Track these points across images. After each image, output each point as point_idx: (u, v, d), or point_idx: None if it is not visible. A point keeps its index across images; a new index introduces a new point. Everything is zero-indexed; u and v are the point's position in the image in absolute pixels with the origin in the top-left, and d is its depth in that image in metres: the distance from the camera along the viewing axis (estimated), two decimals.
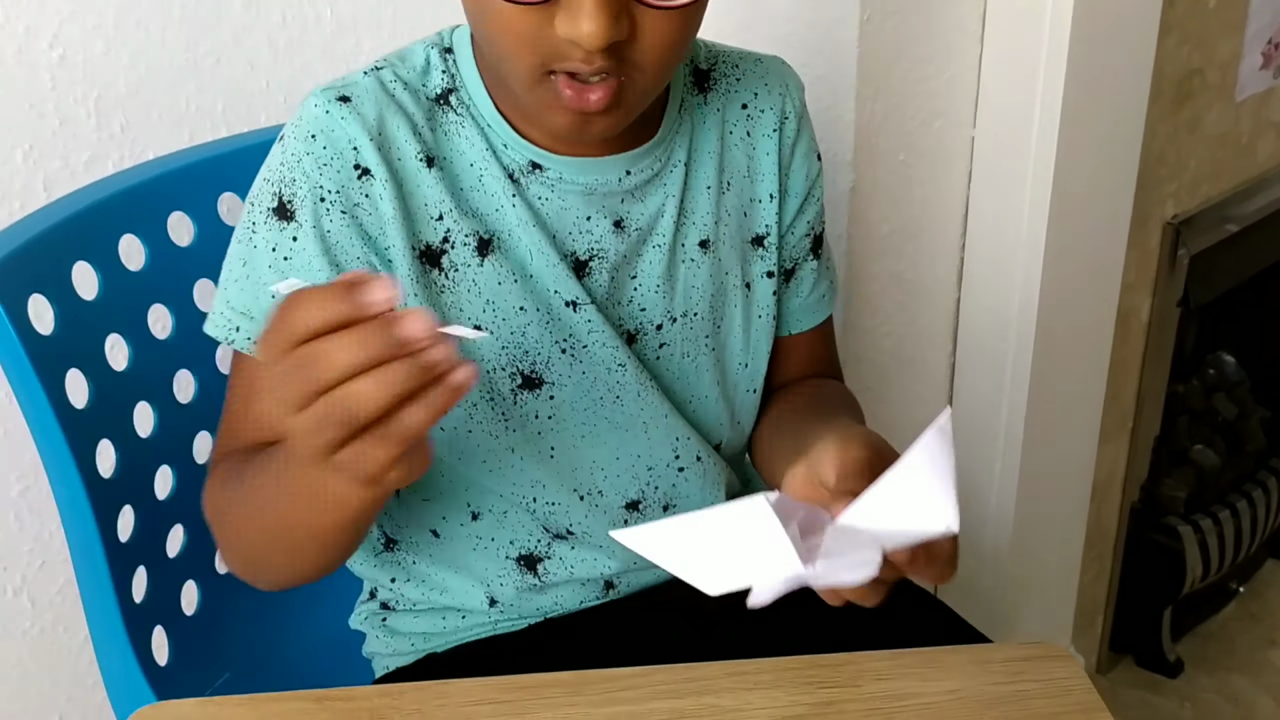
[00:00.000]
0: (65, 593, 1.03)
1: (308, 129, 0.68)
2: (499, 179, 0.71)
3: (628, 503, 0.78)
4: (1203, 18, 1.39)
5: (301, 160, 0.68)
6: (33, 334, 0.75)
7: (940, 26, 1.13)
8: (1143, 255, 1.48)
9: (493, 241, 0.71)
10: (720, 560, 0.54)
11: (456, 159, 0.71)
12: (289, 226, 0.68)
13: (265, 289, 0.68)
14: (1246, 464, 1.87)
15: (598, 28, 0.60)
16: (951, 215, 1.25)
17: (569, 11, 0.60)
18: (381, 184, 0.68)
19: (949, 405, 0.50)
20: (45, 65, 0.91)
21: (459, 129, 0.71)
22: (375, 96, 0.70)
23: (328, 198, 0.68)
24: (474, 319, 0.72)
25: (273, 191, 0.68)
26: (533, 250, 0.72)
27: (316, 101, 0.69)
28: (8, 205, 0.92)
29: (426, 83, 0.72)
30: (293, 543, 0.65)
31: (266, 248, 0.69)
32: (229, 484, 0.67)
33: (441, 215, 0.70)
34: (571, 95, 0.64)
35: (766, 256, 0.80)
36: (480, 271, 0.71)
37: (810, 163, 0.81)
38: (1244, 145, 1.59)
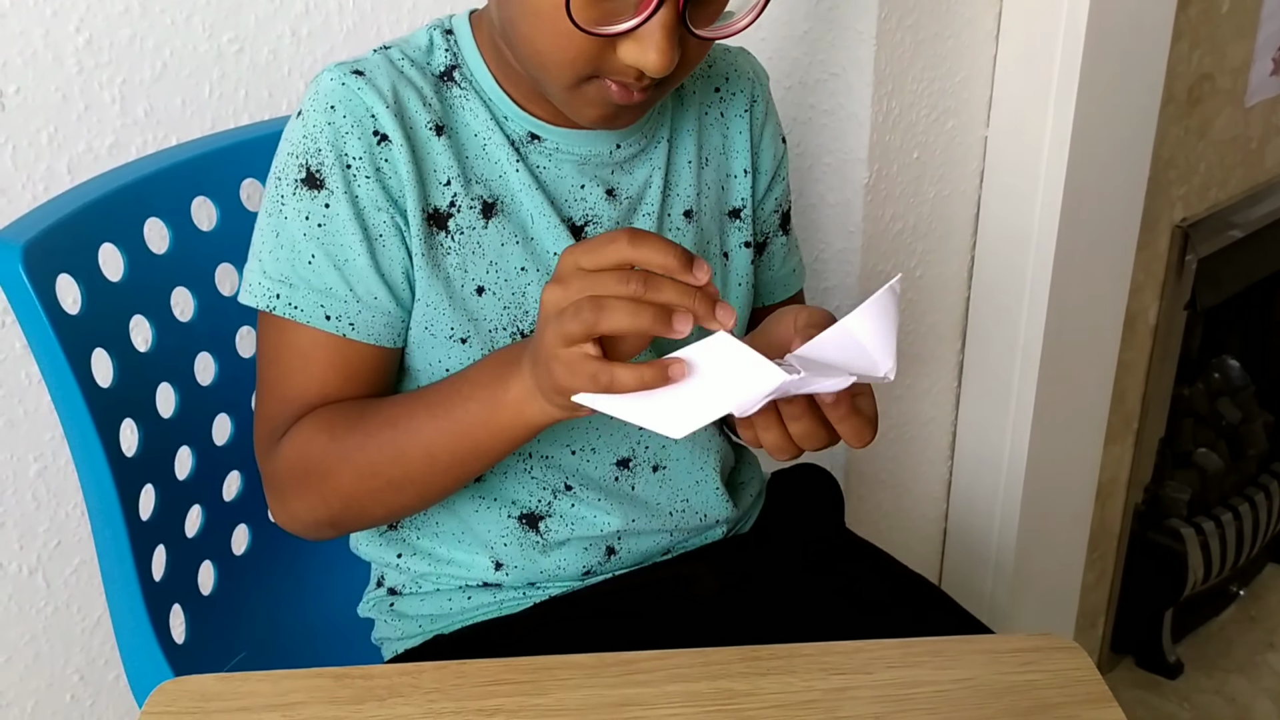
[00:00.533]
0: (80, 573, 1.04)
1: (326, 101, 0.71)
2: (502, 146, 0.75)
3: (618, 460, 0.82)
4: (1215, 23, 1.40)
5: (324, 130, 0.71)
6: (60, 313, 0.76)
7: (956, 27, 1.14)
8: (1151, 258, 1.49)
9: (496, 205, 0.75)
10: (685, 400, 0.59)
11: (462, 129, 0.75)
12: (320, 194, 0.71)
13: (301, 256, 0.71)
14: (1249, 468, 1.88)
15: (666, 61, 0.65)
16: (963, 214, 1.26)
17: (638, 42, 0.65)
18: (398, 149, 0.71)
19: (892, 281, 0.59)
20: (71, 50, 0.92)
21: (463, 102, 0.75)
22: (386, 70, 0.73)
23: (354, 164, 0.71)
24: (478, 280, 0.75)
25: (299, 164, 0.71)
26: (534, 214, 0.76)
27: (332, 76, 0.72)
28: (31, 188, 0.93)
29: (431, 60, 0.76)
30: (429, 475, 0.71)
31: (299, 217, 0.71)
32: (346, 434, 0.71)
33: (449, 180, 0.74)
34: (617, 92, 0.69)
35: (743, 228, 0.85)
36: (485, 234, 0.75)
37: (777, 144, 0.88)
38: (1253, 150, 1.60)
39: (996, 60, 1.19)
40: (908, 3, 1.09)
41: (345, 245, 0.71)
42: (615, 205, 0.79)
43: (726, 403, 0.59)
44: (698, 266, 0.59)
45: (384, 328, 0.73)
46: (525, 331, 0.77)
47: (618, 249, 0.59)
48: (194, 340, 0.88)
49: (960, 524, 1.43)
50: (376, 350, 0.74)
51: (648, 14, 0.64)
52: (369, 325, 0.73)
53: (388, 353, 0.75)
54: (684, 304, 0.59)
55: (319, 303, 0.72)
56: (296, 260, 0.71)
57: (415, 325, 0.75)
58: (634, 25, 0.64)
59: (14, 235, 0.75)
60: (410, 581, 0.84)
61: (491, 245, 0.75)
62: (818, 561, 0.88)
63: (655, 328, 0.59)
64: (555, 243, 0.77)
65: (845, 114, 1.12)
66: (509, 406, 0.66)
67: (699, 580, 0.83)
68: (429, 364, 0.77)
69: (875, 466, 1.31)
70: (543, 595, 0.82)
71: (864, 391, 0.65)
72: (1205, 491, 1.79)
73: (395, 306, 0.73)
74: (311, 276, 0.71)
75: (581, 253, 0.61)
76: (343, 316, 0.72)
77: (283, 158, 0.72)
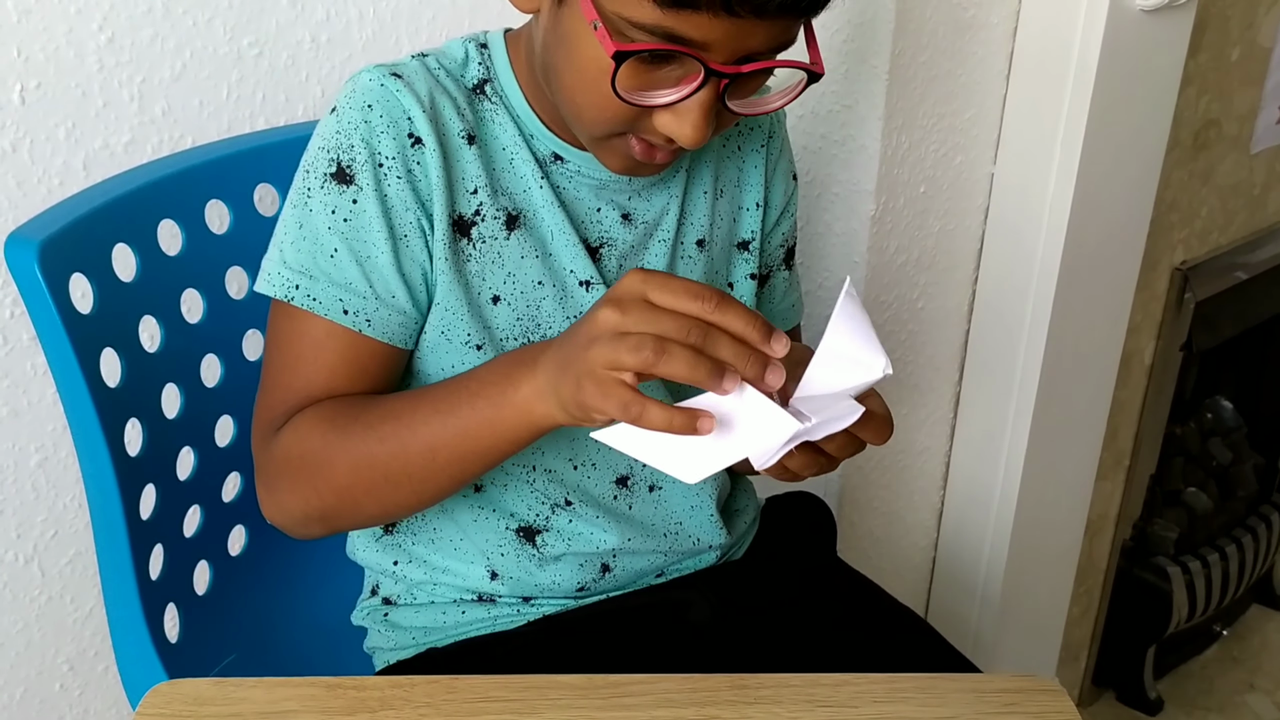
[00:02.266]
0: (75, 564, 1.05)
1: (363, 99, 0.72)
2: (528, 162, 0.76)
3: (618, 477, 0.82)
4: (1224, 70, 1.42)
5: (359, 128, 0.71)
6: (73, 312, 0.76)
7: (968, 66, 1.15)
8: (1150, 299, 1.50)
9: (519, 219, 0.76)
10: (702, 446, 0.59)
11: (491, 141, 0.76)
12: (348, 190, 0.72)
13: (324, 250, 0.72)
14: (1238, 509, 1.89)
15: (700, 136, 0.67)
16: (966, 248, 1.27)
17: (676, 115, 0.67)
18: (431, 153, 0.72)
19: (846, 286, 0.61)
20: (93, 48, 0.93)
21: (493, 115, 0.76)
22: (423, 76, 0.74)
23: (385, 163, 0.72)
24: (494, 289, 0.76)
25: (330, 158, 0.72)
26: (554, 230, 0.77)
27: (370, 76, 0.73)
28: (47, 182, 0.94)
29: (465, 72, 0.77)
30: (428, 473, 0.70)
31: (325, 210, 0.72)
32: (347, 427, 0.71)
33: (477, 189, 0.75)
34: (641, 151, 0.71)
35: (750, 260, 0.86)
36: (506, 245, 0.76)
37: (788, 180, 0.89)
38: (1256, 196, 1.62)
39: (1006, 100, 1.20)
40: (921, 40, 1.10)
41: (369, 242, 0.72)
42: (631, 229, 0.80)
43: (742, 451, 0.59)
44: (776, 339, 0.60)
45: (399, 327, 0.74)
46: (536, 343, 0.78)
47: (701, 306, 0.60)
48: (201, 342, 0.88)
49: (950, 553, 1.44)
50: (388, 349, 0.74)
51: (690, 91, 0.66)
52: (385, 323, 0.73)
53: (398, 353, 0.75)
54: (739, 365, 0.59)
55: (338, 296, 0.72)
56: (319, 253, 0.72)
57: (431, 329, 0.76)
58: (674, 100, 0.66)
59: (31, 233, 0.75)
60: (405, 591, 0.85)
61: (511, 257, 0.76)
62: (808, 591, 0.89)
63: (708, 382, 0.59)
64: (573, 260, 0.78)
65: (855, 145, 1.13)
66: (517, 405, 0.66)
67: (692, 606, 0.84)
68: (442, 369, 0.77)
69: (868, 494, 1.32)
70: (536, 613, 0.83)
71: (872, 394, 0.66)
72: (1193, 531, 1.80)
73: (411, 307, 0.74)
74: (333, 270, 0.72)
75: (655, 287, 0.61)
76: (360, 312, 0.72)
77: (313, 151, 0.73)
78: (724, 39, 0.64)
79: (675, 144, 0.70)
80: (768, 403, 0.59)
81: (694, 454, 0.60)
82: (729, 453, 0.59)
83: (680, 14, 0.63)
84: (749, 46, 0.65)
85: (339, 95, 0.73)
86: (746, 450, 0.60)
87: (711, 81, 0.65)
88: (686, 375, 0.59)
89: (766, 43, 0.66)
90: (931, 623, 0.93)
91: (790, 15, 0.65)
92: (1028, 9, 1.16)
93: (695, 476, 0.60)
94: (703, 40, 0.64)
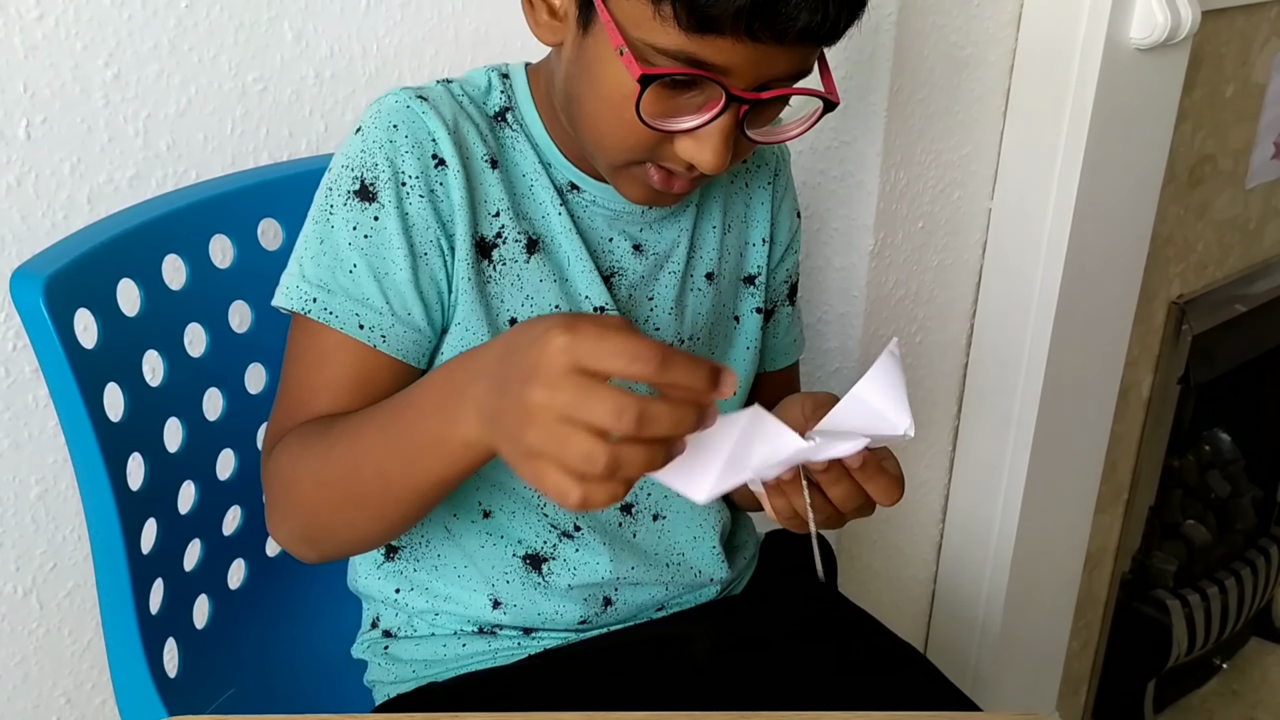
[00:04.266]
0: (74, 596, 1.05)
1: (389, 119, 0.73)
2: (548, 189, 0.78)
3: (622, 505, 0.83)
4: (1219, 107, 1.43)
5: (384, 146, 0.72)
6: (77, 347, 0.77)
7: (965, 103, 1.17)
8: (1147, 332, 1.51)
9: (539, 243, 0.77)
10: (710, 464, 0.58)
11: (512, 167, 0.77)
12: (370, 207, 0.72)
13: (343, 265, 0.72)
14: (1236, 542, 1.89)
15: (720, 161, 0.68)
16: (964, 283, 1.28)
17: (697, 141, 0.68)
18: (454, 174, 0.73)
19: None
20: (99, 83, 0.94)
21: (515, 143, 0.78)
22: (448, 101, 0.76)
23: (408, 182, 0.72)
24: (513, 312, 0.77)
25: (354, 175, 0.73)
26: (571, 256, 0.78)
27: (397, 98, 0.74)
28: (51, 216, 0.94)
29: (488, 100, 0.78)
30: (385, 496, 0.67)
31: (346, 226, 0.73)
32: (313, 444, 0.70)
33: (499, 212, 0.76)
34: (660, 180, 0.72)
35: (756, 294, 0.88)
36: (525, 268, 0.77)
37: (793, 217, 0.91)
38: (1252, 231, 1.63)
39: (1003, 136, 1.21)
40: (919, 77, 1.11)
41: (388, 259, 0.72)
42: (642, 260, 0.81)
43: (750, 469, 0.60)
44: (725, 380, 0.53)
45: (413, 345, 0.74)
46: None
47: (644, 369, 0.51)
48: (204, 376, 0.89)
49: (949, 586, 1.44)
50: (400, 366, 0.74)
51: (711, 116, 0.67)
52: (399, 340, 0.73)
53: (410, 371, 0.75)
54: (681, 432, 0.53)
55: (354, 311, 0.72)
56: (338, 268, 0.72)
57: (449, 349, 0.76)
58: (696, 125, 0.67)
59: (37, 268, 0.76)
60: (405, 623, 0.85)
61: (530, 280, 0.77)
62: (808, 628, 0.89)
63: (654, 465, 0.54)
64: (588, 287, 0.79)
65: (854, 181, 1.14)
66: (455, 436, 0.61)
67: (692, 642, 0.84)
68: None
69: (868, 527, 1.32)
70: (537, 646, 0.83)
71: (888, 454, 0.67)
72: (1192, 564, 1.80)
73: (426, 325, 0.74)
74: (350, 285, 0.72)
75: (587, 353, 0.52)
76: (376, 327, 0.73)
77: (337, 169, 0.74)
78: (745, 65, 0.65)
79: (694, 173, 0.71)
80: (779, 423, 0.59)
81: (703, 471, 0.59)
82: (739, 472, 0.59)
83: (704, 39, 0.64)
84: (769, 73, 0.67)
85: (364, 115, 0.74)
86: (755, 467, 0.60)
87: (732, 107, 0.67)
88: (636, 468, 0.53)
89: (785, 70, 0.68)
90: (931, 656, 0.93)
91: (810, 42, 0.66)
92: (1024, 47, 1.17)
93: (706, 495, 0.58)
94: (725, 66, 0.65)
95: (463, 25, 1.11)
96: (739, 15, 0.63)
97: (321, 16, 1.03)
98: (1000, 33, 1.16)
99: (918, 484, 1.36)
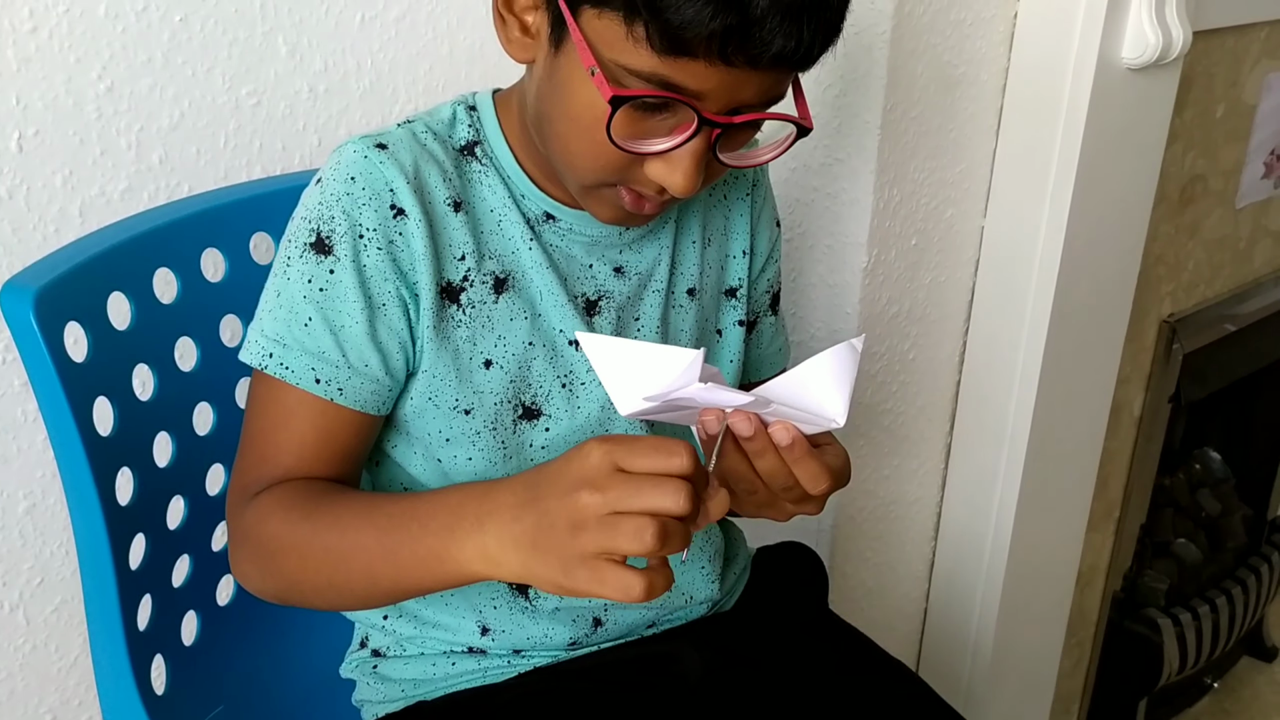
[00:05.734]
0: (61, 612, 1.04)
1: (347, 172, 0.72)
2: (518, 224, 0.77)
3: None
4: (1209, 127, 1.44)
5: (341, 200, 0.72)
6: (67, 361, 0.76)
7: (958, 121, 1.17)
8: (1138, 350, 1.51)
9: (508, 281, 0.77)
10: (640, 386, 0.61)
11: (479, 204, 0.76)
12: (326, 260, 0.72)
13: (298, 318, 0.72)
14: (1227, 560, 1.89)
15: (691, 185, 0.68)
16: (957, 300, 1.28)
17: (668, 164, 0.68)
18: (415, 223, 0.72)
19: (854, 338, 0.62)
20: (92, 96, 0.93)
21: (482, 177, 0.77)
22: (409, 145, 0.74)
23: (366, 234, 0.72)
24: (486, 353, 0.76)
25: (310, 229, 0.72)
26: (543, 290, 0.77)
27: (355, 148, 0.73)
28: (42, 229, 0.94)
29: (453, 134, 0.77)
30: (369, 590, 0.69)
31: (302, 280, 0.72)
32: (296, 521, 0.70)
33: (464, 255, 0.75)
34: (630, 201, 0.71)
35: (738, 306, 0.88)
36: (495, 308, 0.76)
37: (772, 228, 0.90)
38: (1241, 250, 1.63)
39: (996, 154, 1.21)
40: (912, 95, 1.11)
41: (343, 312, 0.72)
42: (625, 281, 0.81)
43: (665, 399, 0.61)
44: None
45: (371, 395, 0.74)
46: (525, 404, 0.78)
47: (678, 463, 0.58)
48: (194, 390, 0.88)
49: (942, 604, 1.43)
50: (360, 417, 0.74)
51: (683, 140, 0.67)
52: (357, 391, 0.73)
53: (371, 420, 0.75)
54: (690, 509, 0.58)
55: (310, 365, 0.72)
56: (293, 321, 0.72)
57: (418, 395, 0.76)
58: (668, 148, 0.67)
59: (27, 280, 0.75)
60: (395, 644, 0.84)
61: (501, 320, 0.77)
62: (800, 645, 0.88)
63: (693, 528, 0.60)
64: (561, 320, 0.78)
65: (848, 199, 1.14)
66: (459, 562, 0.64)
67: (683, 659, 0.84)
68: (428, 433, 0.77)
69: (860, 544, 1.32)
70: (527, 664, 0.82)
71: (834, 446, 0.67)
72: (1183, 582, 1.80)
73: (386, 375, 0.74)
74: (306, 339, 0.72)
75: (624, 454, 0.59)
76: (332, 381, 0.72)
77: (296, 222, 0.73)
78: (718, 89, 0.65)
79: (665, 195, 0.71)
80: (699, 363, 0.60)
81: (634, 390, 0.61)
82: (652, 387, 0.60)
83: (677, 62, 0.64)
84: (741, 98, 0.66)
85: (324, 167, 0.74)
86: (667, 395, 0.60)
87: (704, 131, 0.67)
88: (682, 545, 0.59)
89: (758, 95, 0.67)
90: (923, 674, 0.92)
91: (783, 68, 0.66)
92: (1016, 66, 1.18)
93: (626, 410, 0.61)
94: (697, 89, 0.65)
95: (457, 41, 1.11)
96: (713, 39, 0.62)
97: (316, 31, 1.03)
98: (993, 52, 1.17)
99: (910, 501, 1.36)
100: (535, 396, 0.78)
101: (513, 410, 0.78)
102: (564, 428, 0.79)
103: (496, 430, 0.78)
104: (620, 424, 0.81)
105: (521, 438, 0.79)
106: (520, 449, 0.79)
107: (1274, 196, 1.63)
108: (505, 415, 0.78)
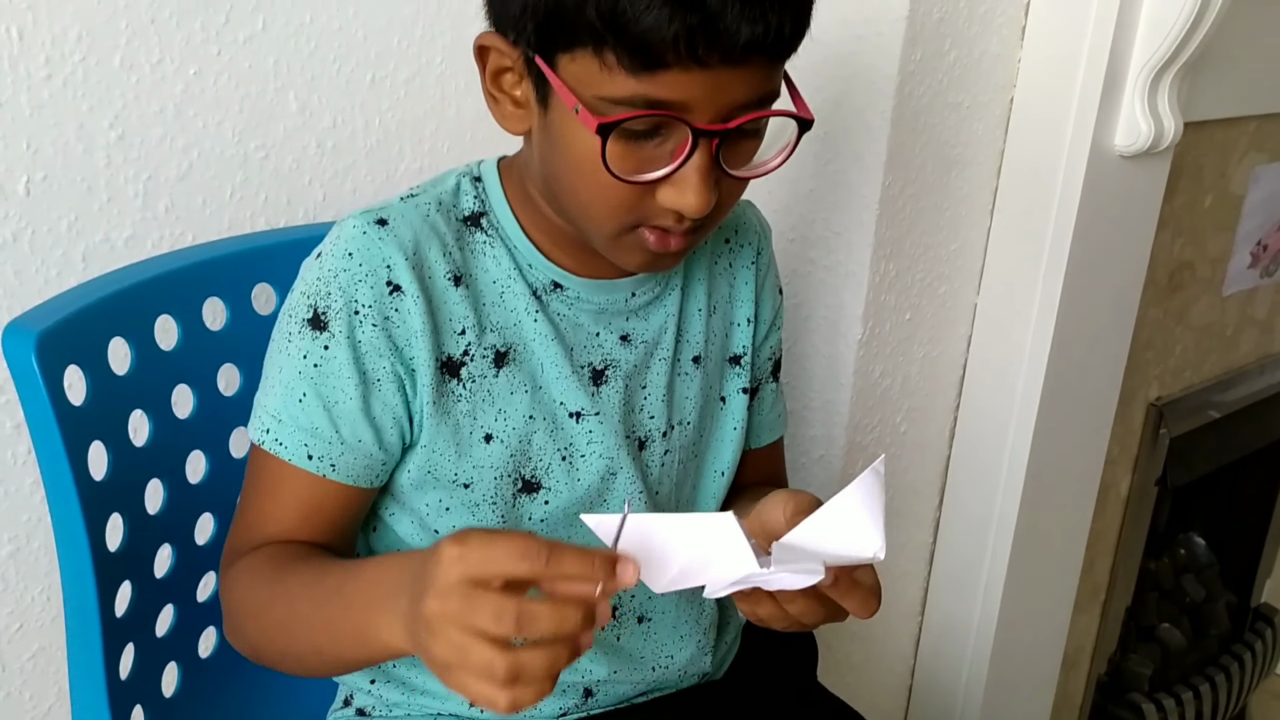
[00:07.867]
0: (38, 659, 1.02)
1: (345, 248, 0.72)
2: (522, 295, 0.76)
3: None
4: (1198, 216, 1.46)
5: (338, 276, 0.71)
6: (66, 405, 0.76)
7: (954, 199, 1.19)
8: (1126, 432, 1.52)
9: (509, 354, 0.76)
10: (674, 562, 0.59)
11: (481, 276, 0.76)
12: (321, 336, 0.71)
13: (293, 394, 0.72)
14: (1211, 647, 1.89)
15: (703, 202, 0.67)
16: (949, 376, 1.29)
17: (676, 186, 0.67)
18: (412, 300, 0.72)
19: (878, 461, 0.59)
20: (103, 144, 0.94)
21: (487, 248, 0.76)
22: (410, 220, 0.74)
23: (361, 310, 0.71)
24: (486, 427, 0.76)
25: (308, 304, 0.72)
26: (545, 363, 0.77)
27: (355, 223, 0.73)
28: (44, 273, 0.94)
29: (458, 204, 0.77)
30: (319, 661, 0.68)
31: (298, 355, 0.72)
32: (259, 586, 0.70)
33: (464, 330, 0.74)
34: (655, 241, 0.71)
35: (742, 374, 0.87)
36: (495, 382, 0.75)
37: (775, 295, 0.91)
38: (1228, 337, 1.65)
39: (990, 234, 1.23)
40: (910, 173, 1.14)
41: (337, 388, 0.72)
42: (631, 349, 0.81)
43: (704, 578, 0.59)
44: (622, 568, 0.55)
45: (364, 470, 0.74)
46: (526, 478, 0.78)
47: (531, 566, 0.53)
48: (189, 438, 0.88)
49: (927, 681, 1.42)
50: (351, 490, 0.74)
51: (682, 160, 0.66)
52: (350, 466, 0.73)
53: (363, 493, 0.75)
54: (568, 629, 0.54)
55: (303, 441, 0.72)
56: (289, 397, 0.72)
57: (416, 469, 0.75)
58: (670, 171, 0.66)
59: (29, 324, 0.75)
60: (380, 705, 0.83)
61: (501, 393, 0.76)
62: (789, 716, 0.87)
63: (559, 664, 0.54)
64: (563, 392, 0.78)
65: (844, 271, 1.15)
66: (381, 640, 0.61)
67: None
68: (427, 504, 0.77)
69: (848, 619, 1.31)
70: None
71: (867, 566, 0.65)
72: (1167, 668, 1.79)
73: (379, 450, 0.74)
74: (300, 415, 0.72)
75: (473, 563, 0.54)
76: (325, 457, 0.72)
77: (295, 296, 0.73)
78: (703, 96, 0.64)
79: (685, 224, 0.69)
80: (740, 536, 0.58)
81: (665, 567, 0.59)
82: (691, 576, 0.59)
83: (653, 77, 0.63)
84: (730, 101, 0.65)
85: (324, 241, 0.74)
86: (706, 577, 0.59)
87: (703, 144, 0.65)
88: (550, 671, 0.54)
89: (747, 94, 0.65)
90: None
91: (759, 57, 0.64)
92: (1012, 149, 1.20)
93: (662, 588, 0.59)
94: (682, 101, 0.64)
95: (464, 105, 1.13)
96: (677, 41, 0.61)
97: (326, 89, 1.05)
98: (989, 135, 1.19)
99: (897, 575, 1.35)
100: (535, 470, 0.78)
101: (512, 484, 0.77)
102: (563, 500, 0.79)
103: (496, 504, 0.77)
104: (617, 499, 0.80)
105: (520, 510, 0.78)
106: (519, 522, 0.78)
107: (1260, 286, 1.66)
108: (505, 489, 0.77)
